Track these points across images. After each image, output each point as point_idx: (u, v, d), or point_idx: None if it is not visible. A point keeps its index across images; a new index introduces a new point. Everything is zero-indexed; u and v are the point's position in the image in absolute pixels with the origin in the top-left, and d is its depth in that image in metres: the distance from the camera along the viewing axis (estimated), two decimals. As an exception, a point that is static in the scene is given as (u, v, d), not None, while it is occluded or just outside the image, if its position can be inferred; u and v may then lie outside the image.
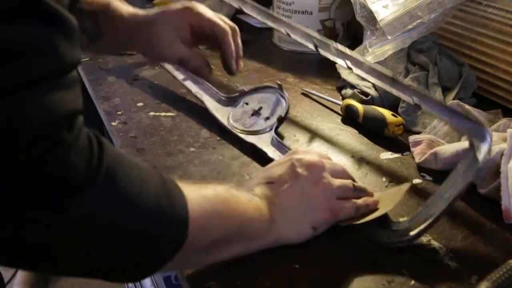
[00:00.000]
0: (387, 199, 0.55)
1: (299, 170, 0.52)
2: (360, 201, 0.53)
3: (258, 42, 1.14)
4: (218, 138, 0.73)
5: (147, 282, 0.91)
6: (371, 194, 0.56)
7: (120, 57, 1.00)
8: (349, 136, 0.75)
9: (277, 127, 0.72)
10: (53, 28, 0.32)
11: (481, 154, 0.48)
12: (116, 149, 0.38)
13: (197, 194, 0.43)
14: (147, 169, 0.40)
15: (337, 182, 0.53)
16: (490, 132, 0.50)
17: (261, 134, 0.71)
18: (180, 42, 0.67)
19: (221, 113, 0.77)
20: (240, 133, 0.72)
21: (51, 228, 0.33)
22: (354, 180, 0.56)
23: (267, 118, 0.73)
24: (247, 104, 0.77)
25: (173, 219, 0.40)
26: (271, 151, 0.67)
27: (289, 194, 0.51)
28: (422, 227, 0.50)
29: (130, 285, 1.07)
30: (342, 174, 0.55)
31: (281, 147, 0.68)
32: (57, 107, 0.32)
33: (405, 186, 0.55)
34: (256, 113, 0.74)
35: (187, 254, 0.41)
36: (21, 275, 1.66)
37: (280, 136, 0.73)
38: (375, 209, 0.54)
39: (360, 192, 0.54)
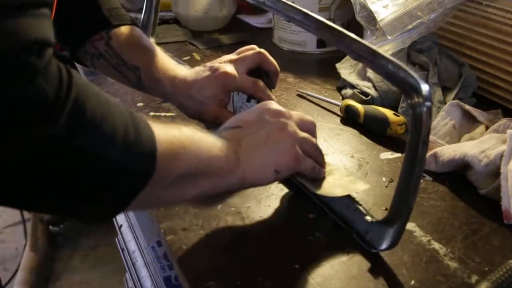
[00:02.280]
0: (340, 179, 0.57)
1: (267, 116, 0.54)
2: (317, 165, 0.56)
3: (258, 42, 1.13)
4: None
5: (147, 282, 0.90)
6: (324, 163, 0.58)
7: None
8: (349, 136, 0.75)
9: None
10: None
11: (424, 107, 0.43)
12: (86, 80, 0.38)
13: (163, 131, 0.44)
14: (115, 103, 0.41)
15: (302, 134, 0.55)
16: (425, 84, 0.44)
17: None
18: (217, 105, 0.69)
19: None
20: None
21: (19, 153, 0.33)
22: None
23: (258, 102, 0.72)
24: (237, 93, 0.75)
25: (142, 150, 0.40)
26: None
27: (255, 136, 0.52)
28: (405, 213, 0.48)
29: (130, 284, 1.07)
30: (309, 127, 0.57)
31: None
32: (26, 32, 0.32)
33: (364, 186, 0.56)
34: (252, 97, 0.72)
35: (155, 190, 0.42)
36: (21, 275, 1.65)
37: None
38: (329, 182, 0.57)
39: (320, 153, 0.57)
